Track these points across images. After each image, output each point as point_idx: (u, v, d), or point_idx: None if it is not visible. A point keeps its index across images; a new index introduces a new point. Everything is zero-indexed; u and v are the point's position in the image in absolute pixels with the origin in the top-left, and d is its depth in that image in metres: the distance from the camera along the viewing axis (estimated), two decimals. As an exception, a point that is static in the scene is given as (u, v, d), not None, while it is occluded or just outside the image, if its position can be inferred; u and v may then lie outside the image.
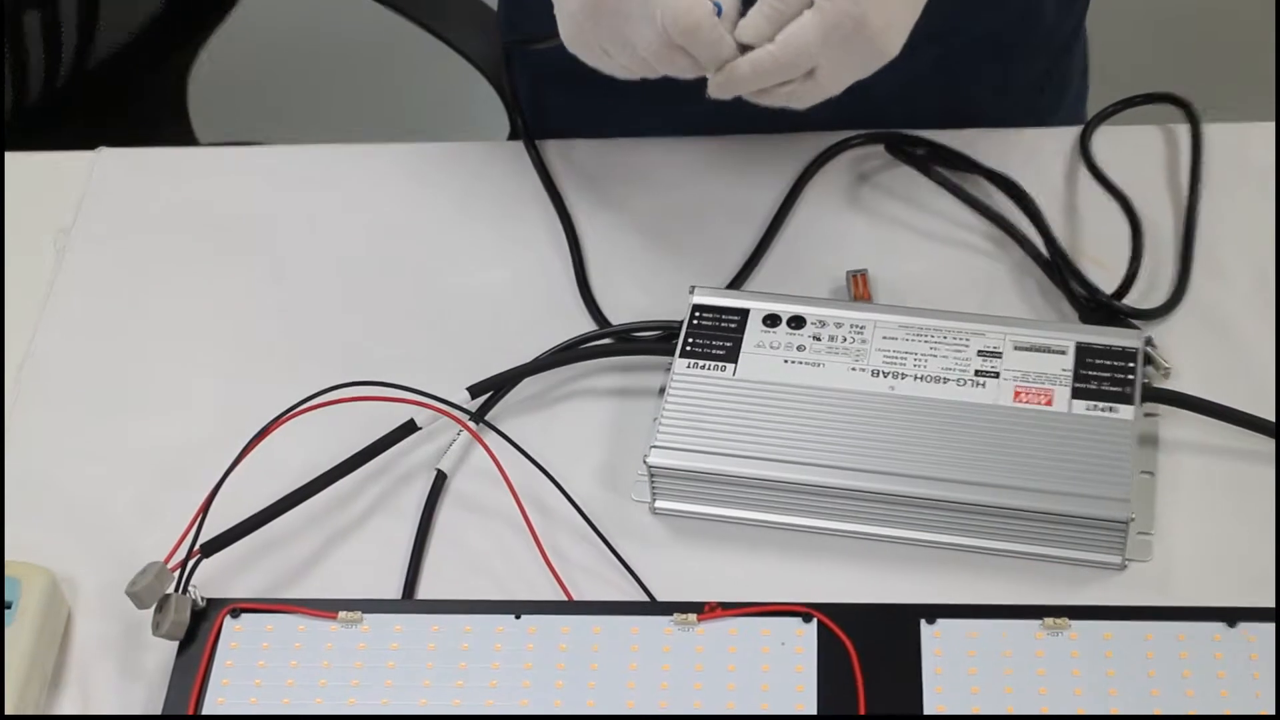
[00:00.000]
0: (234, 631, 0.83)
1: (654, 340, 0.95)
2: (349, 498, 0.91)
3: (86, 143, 1.11)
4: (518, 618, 0.84)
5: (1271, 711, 0.77)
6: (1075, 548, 0.85)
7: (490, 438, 0.91)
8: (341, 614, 0.84)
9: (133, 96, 1.50)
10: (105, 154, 1.10)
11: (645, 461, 0.88)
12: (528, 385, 0.95)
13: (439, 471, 0.91)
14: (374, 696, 0.82)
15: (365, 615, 0.84)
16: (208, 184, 1.09)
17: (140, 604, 0.82)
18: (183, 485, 0.92)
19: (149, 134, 1.51)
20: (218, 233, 1.05)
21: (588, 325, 0.98)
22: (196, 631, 0.84)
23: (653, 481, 0.89)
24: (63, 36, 1.36)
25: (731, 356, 0.91)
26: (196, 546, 0.82)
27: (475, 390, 0.92)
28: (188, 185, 1.09)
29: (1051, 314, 0.96)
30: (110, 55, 1.43)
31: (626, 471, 0.91)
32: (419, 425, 0.91)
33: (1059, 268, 0.96)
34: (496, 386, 0.93)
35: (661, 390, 0.93)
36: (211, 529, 0.85)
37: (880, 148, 1.04)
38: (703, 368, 0.90)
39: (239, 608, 0.84)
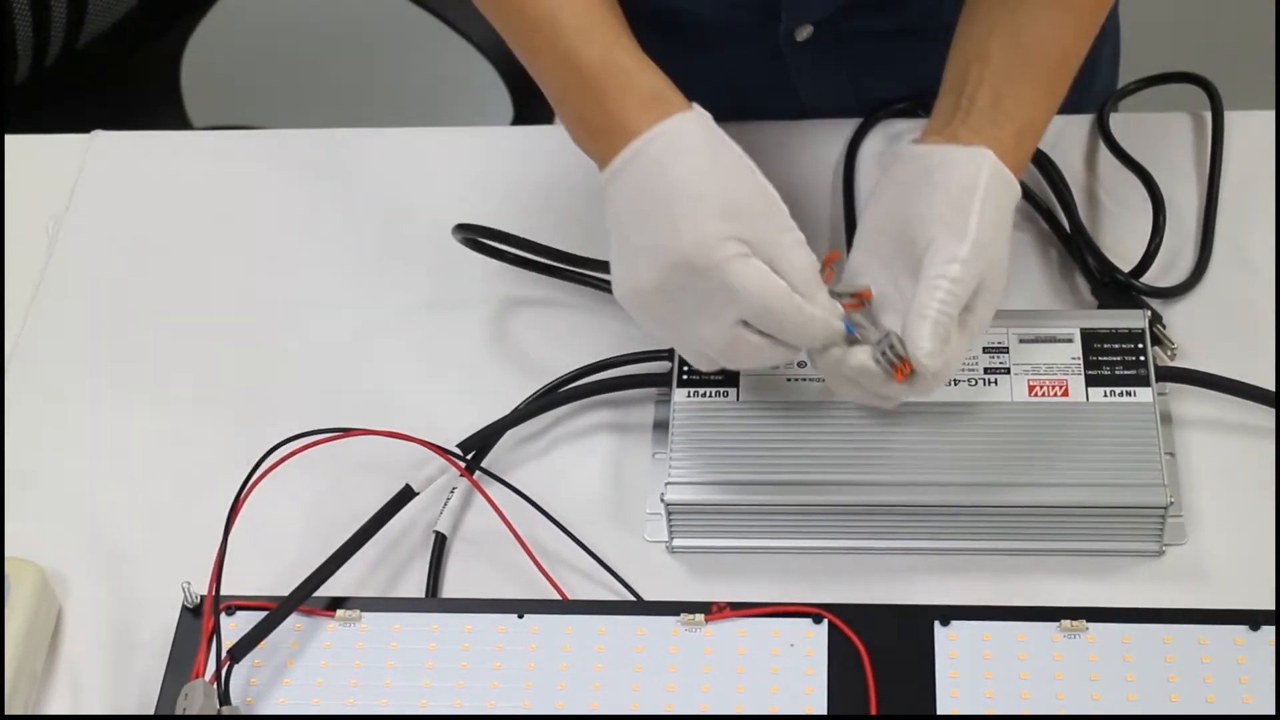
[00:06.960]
0: (229, 629, 0.81)
1: (638, 375, 0.91)
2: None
3: (78, 125, 1.09)
4: (520, 617, 0.82)
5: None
6: (1110, 539, 0.83)
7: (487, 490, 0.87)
8: (340, 612, 0.83)
9: (125, 78, 1.48)
10: (100, 137, 1.08)
11: (662, 499, 0.84)
12: (513, 431, 0.91)
13: (438, 534, 0.87)
14: (372, 696, 0.80)
15: (364, 614, 0.82)
16: (203, 168, 1.07)
17: None
18: (174, 478, 0.91)
19: (141, 117, 1.49)
20: (213, 217, 1.03)
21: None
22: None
23: (670, 519, 0.85)
24: (52, 15, 1.34)
25: (731, 380, 0.87)
26: (225, 654, 0.80)
27: (465, 446, 0.88)
28: (183, 169, 1.06)
29: (1068, 290, 0.94)
30: (101, 35, 1.41)
31: (632, 511, 0.88)
32: (415, 490, 0.86)
33: (1078, 243, 0.94)
34: (485, 439, 0.89)
35: (657, 425, 0.90)
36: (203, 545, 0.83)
37: (899, 122, 1.02)
38: (703, 395, 0.87)
39: (234, 604, 0.82)
